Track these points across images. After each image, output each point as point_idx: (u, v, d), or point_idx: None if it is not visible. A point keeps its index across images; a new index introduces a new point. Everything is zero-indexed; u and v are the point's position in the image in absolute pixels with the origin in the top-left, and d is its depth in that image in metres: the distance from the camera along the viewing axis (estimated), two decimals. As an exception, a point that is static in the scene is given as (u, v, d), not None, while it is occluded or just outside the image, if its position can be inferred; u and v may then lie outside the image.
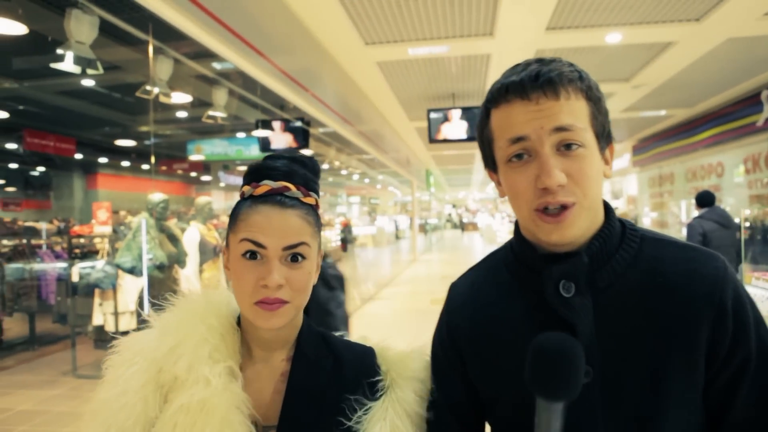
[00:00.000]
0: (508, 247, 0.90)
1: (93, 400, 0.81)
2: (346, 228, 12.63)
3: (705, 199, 5.18)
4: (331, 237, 14.86)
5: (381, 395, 0.84)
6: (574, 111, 0.73)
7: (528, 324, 0.78)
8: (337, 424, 0.80)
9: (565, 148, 0.73)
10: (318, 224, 0.86)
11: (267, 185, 0.82)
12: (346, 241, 13.25)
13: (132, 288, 5.21)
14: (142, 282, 4.73)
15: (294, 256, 0.80)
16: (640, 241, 0.79)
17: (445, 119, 7.69)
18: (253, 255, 0.79)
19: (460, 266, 1.12)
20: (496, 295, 0.85)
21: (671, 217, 12.65)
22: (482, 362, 0.83)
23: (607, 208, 0.81)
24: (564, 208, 0.72)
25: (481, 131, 0.83)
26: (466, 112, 7.63)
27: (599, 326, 0.74)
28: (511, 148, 0.75)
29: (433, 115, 7.77)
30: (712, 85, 8.37)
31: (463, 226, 34.52)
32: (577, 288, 0.75)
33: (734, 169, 9.85)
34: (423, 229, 22.36)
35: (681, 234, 11.80)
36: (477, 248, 20.37)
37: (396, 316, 7.89)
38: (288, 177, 0.84)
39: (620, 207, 14.80)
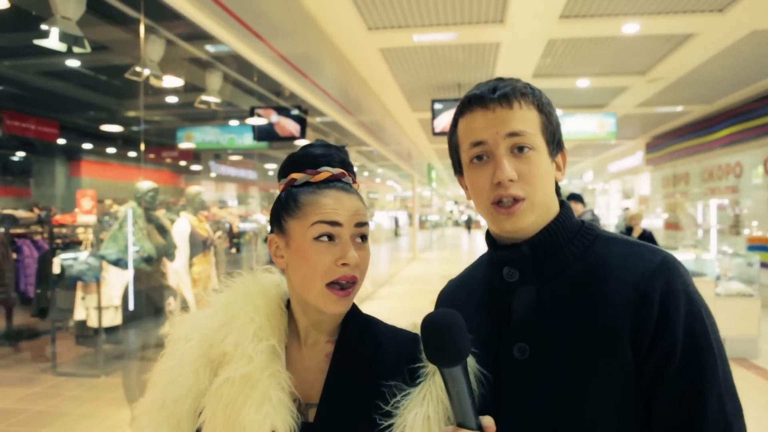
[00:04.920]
0: None
1: (154, 369, 0.94)
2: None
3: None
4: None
5: (421, 382, 0.88)
6: (525, 119, 0.87)
7: (484, 309, 0.94)
8: (376, 407, 0.86)
9: (518, 150, 0.87)
10: None
11: (328, 171, 0.91)
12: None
13: (117, 281, 5.18)
14: (128, 275, 4.72)
15: (363, 235, 0.90)
16: (593, 239, 0.91)
17: (450, 110, 7.69)
18: (329, 237, 0.87)
19: (461, 265, 1.19)
20: (471, 287, 1.02)
21: (686, 218, 12.66)
22: None
23: (565, 208, 0.94)
24: (516, 201, 0.86)
25: (450, 138, 0.97)
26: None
27: (541, 310, 0.87)
28: (473, 151, 0.89)
29: (437, 106, 7.78)
30: (733, 81, 8.38)
31: (470, 224, 34.41)
32: (522, 275, 0.89)
33: (753, 170, 9.87)
34: (424, 225, 22.38)
35: (697, 237, 11.82)
36: (480, 246, 20.40)
37: (394, 316, 7.81)
38: (342, 164, 0.93)
39: (631, 207, 14.80)
